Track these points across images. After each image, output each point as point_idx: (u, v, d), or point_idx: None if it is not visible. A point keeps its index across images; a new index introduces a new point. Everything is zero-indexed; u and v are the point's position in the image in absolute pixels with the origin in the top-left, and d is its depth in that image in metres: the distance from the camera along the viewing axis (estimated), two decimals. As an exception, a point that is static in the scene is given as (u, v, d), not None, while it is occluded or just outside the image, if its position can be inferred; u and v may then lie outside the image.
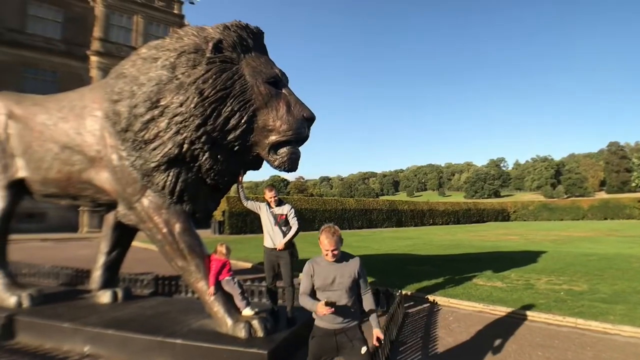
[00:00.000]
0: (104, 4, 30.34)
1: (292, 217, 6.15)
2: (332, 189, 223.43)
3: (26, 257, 12.49)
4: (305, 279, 3.56)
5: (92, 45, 29.81)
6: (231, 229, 27.91)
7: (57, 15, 30.39)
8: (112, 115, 5.56)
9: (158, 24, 32.68)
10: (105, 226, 7.10)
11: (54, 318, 5.98)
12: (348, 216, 37.16)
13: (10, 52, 27.75)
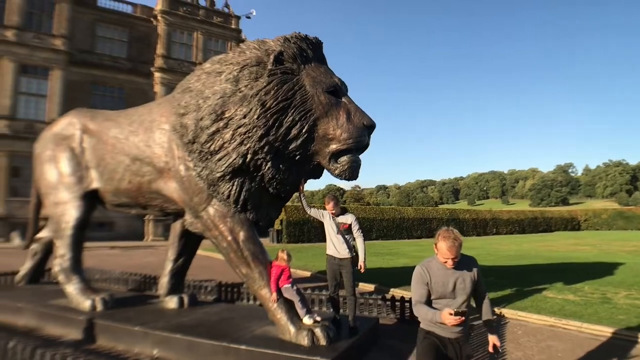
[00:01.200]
0: (166, 22, 31.95)
1: (357, 229, 6.17)
2: (389, 197, 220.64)
3: (97, 263, 13.23)
4: (418, 286, 3.29)
5: (156, 62, 31.42)
6: (289, 237, 28.18)
7: (123, 35, 32.35)
8: (180, 128, 5.80)
9: (216, 39, 33.92)
10: (172, 234, 7.39)
11: (125, 321, 6.26)
12: (407, 225, 36.59)
13: (81, 72, 29.76)
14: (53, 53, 27.72)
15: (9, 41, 26.84)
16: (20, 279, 9.03)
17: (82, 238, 7.41)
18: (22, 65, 27.05)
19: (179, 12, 32.47)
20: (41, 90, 27.43)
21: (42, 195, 7.80)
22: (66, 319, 6.70)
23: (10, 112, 26.43)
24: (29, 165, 26.02)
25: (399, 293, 8.88)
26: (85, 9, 30.60)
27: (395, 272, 13.27)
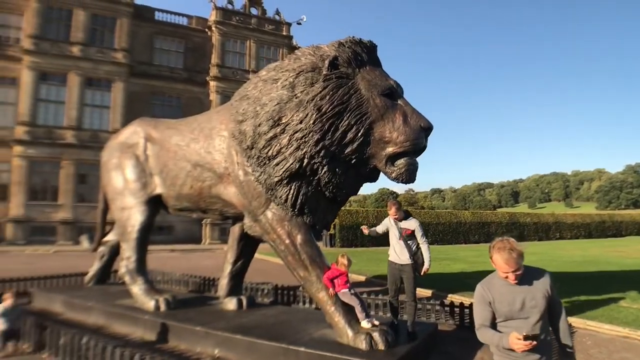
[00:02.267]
0: (219, 32, 32.95)
1: (421, 235, 6.11)
2: (444, 201, 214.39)
3: (158, 265, 13.74)
4: (480, 307, 2.93)
5: (211, 71, 32.47)
6: (342, 241, 28.13)
7: (179, 46, 33.67)
8: (238, 134, 5.96)
9: (269, 46, 34.60)
10: (231, 237, 7.59)
11: (187, 321, 6.48)
12: (463, 230, 35.54)
13: (141, 83, 31.24)
14: (115, 66, 29.26)
15: (75, 56, 28.59)
16: (89, 280, 9.56)
17: (146, 241, 7.75)
18: (87, 79, 28.72)
19: (232, 21, 33.42)
20: (104, 102, 29.01)
21: (109, 201, 8.24)
22: (132, 318, 7.03)
23: (77, 122, 28.09)
24: (94, 172, 27.77)
25: (457, 299, 8.69)
26: (144, 23, 32.09)
27: (452, 277, 13.00)
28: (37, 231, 26.77)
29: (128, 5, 30.39)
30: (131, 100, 29.77)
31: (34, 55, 27.79)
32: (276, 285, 9.27)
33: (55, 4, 28.86)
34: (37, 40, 28.03)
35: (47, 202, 27.28)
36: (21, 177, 26.83)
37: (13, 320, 6.04)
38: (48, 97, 28.10)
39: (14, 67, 28.27)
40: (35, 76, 27.71)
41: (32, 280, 10.17)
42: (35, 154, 27.21)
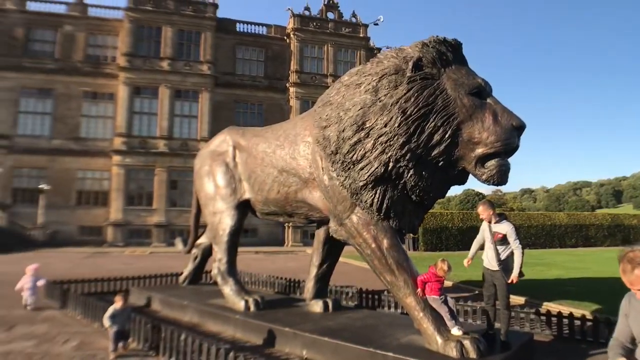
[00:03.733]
0: (298, 39, 33.73)
1: (514, 240, 5.81)
2: (535, 202, 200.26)
3: (244, 267, 14.23)
4: (620, 320, 2.59)
5: (290, 77, 33.38)
6: (426, 245, 27.42)
7: (260, 55, 34.93)
8: (322, 140, 6.05)
9: (346, 49, 34.85)
10: (316, 241, 7.72)
11: (276, 322, 6.65)
12: (558, 233, 33.07)
13: (225, 92, 32.77)
14: (201, 78, 30.98)
15: (165, 70, 30.66)
16: (184, 280, 10.14)
17: (236, 244, 8.10)
18: (176, 91, 30.63)
19: (310, 27, 34.09)
20: (192, 112, 30.79)
21: (202, 206, 8.71)
22: (223, 317, 7.36)
23: (168, 132, 30.05)
24: (184, 178, 29.52)
25: (553, 307, 8.18)
26: (226, 35, 33.65)
27: (547, 284, 12.27)
28: (134, 234, 28.93)
29: (211, 19, 32.04)
30: (216, 109, 31.33)
31: (128, 72, 30.21)
32: (360, 289, 9.28)
33: (145, 23, 31.17)
34: (131, 58, 30.43)
35: (143, 206, 29.42)
36: (119, 184, 29.15)
37: (123, 322, 6.25)
38: (142, 109, 30.37)
39: (111, 83, 31.03)
40: (129, 91, 30.06)
41: (132, 280, 10.99)
42: (131, 162, 29.47)
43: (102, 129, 31.29)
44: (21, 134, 30.35)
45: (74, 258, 20.84)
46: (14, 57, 30.87)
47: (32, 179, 30.02)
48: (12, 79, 30.39)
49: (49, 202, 28.10)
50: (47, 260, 19.02)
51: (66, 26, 31.98)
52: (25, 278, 8.96)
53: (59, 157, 30.20)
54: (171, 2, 31.84)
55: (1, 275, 14.12)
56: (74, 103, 31.09)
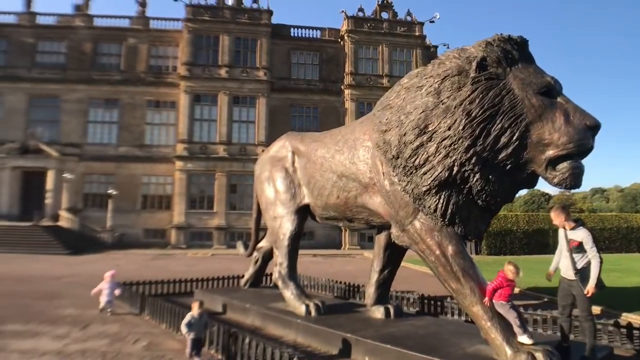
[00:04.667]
0: (352, 41, 33.63)
1: (590, 247, 5.47)
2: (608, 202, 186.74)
3: (302, 270, 14.29)
4: None
5: (345, 79, 33.30)
6: (489, 249, 26.33)
7: (314, 58, 35.20)
8: (383, 144, 5.96)
9: (401, 49, 34.33)
10: (376, 246, 7.63)
11: (337, 328, 6.62)
12: (636, 236, 30.51)
13: (281, 97, 33.29)
14: (258, 83, 31.65)
15: (223, 78, 31.60)
16: (245, 283, 10.35)
17: (296, 248, 8.17)
18: (234, 97, 31.48)
19: (364, 28, 33.90)
20: (250, 117, 31.52)
21: (262, 210, 8.86)
22: (285, 321, 7.43)
23: (227, 138, 30.91)
24: (243, 182, 30.24)
25: (634, 319, 7.62)
26: (281, 40, 34.18)
27: (625, 292, 11.51)
28: (196, 236, 29.95)
29: (266, 25, 32.69)
30: (272, 114, 31.90)
31: (189, 80, 31.36)
32: (422, 295, 9.08)
33: (203, 33, 32.26)
34: (191, 67, 31.57)
35: (204, 210, 30.40)
36: (182, 189, 30.27)
37: (200, 329, 6.16)
38: (202, 116, 31.43)
39: (172, 92, 32.37)
40: (190, 99, 31.18)
41: (195, 282, 11.33)
42: (192, 167, 30.54)
43: (165, 136, 32.69)
44: (90, 142, 32.32)
45: (140, 260, 21.83)
46: (83, 70, 33.03)
47: (101, 184, 31.90)
48: (82, 91, 32.52)
49: (116, 206, 29.65)
50: (115, 262, 20.05)
51: (130, 39, 33.77)
52: (103, 284, 9.17)
53: (125, 164, 31.86)
54: (227, 11, 32.79)
55: (75, 277, 15.05)
56: (138, 112, 32.70)
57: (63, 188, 29.80)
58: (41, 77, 32.62)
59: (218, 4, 33.09)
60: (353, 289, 10.45)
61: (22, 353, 6.65)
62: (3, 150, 30.43)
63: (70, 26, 33.77)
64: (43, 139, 31.22)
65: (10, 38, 33.39)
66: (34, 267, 17.36)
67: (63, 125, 32.34)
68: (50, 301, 10.61)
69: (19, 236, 25.35)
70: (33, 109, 32.62)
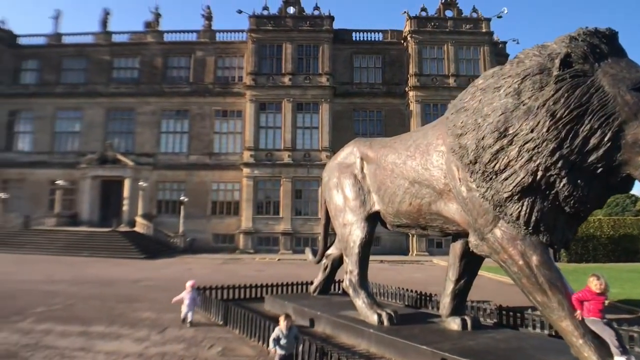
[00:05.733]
0: (415, 41, 32.88)
1: None
2: None
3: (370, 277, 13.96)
4: None
5: (409, 81, 32.58)
6: (569, 256, 24.57)
7: (377, 61, 34.84)
8: (458, 149, 5.72)
9: (468, 47, 33.10)
10: (451, 254, 7.34)
11: (411, 339, 6.42)
12: None
13: (344, 102, 33.24)
14: (320, 89, 31.83)
15: (287, 85, 32.10)
16: (314, 289, 10.33)
17: (367, 256, 8.05)
18: (297, 104, 31.84)
19: (427, 28, 33.06)
20: (313, 123, 31.74)
21: (331, 218, 8.82)
22: (357, 330, 7.31)
23: (291, 144, 31.31)
24: (307, 187, 30.55)
25: None
26: (343, 45, 34.18)
27: None
28: (263, 241, 30.53)
29: (328, 31, 32.85)
30: (336, 119, 31.96)
31: (254, 90, 32.14)
32: (500, 306, 8.62)
33: (267, 42, 32.99)
34: (255, 76, 32.36)
35: (270, 215, 30.94)
36: (249, 195, 31.01)
37: (289, 346, 5.80)
38: (267, 124, 32.07)
39: (239, 101, 33.39)
40: (255, 107, 31.93)
41: (265, 287, 11.48)
42: (259, 174, 31.21)
43: (232, 144, 33.69)
44: (163, 151, 34.06)
45: (211, 264, 22.56)
46: (155, 84, 35.00)
47: (173, 191, 33.42)
48: (154, 103, 34.45)
49: (187, 212, 30.85)
50: (188, 266, 20.84)
51: (197, 52, 35.28)
52: (184, 293, 9.09)
53: (195, 171, 33.17)
54: (290, 20, 33.31)
55: (151, 280, 15.76)
56: (207, 121, 33.96)
57: (138, 195, 31.45)
58: (117, 92, 34.96)
59: (280, 13, 33.70)
60: (425, 297, 10.14)
61: (107, 354, 7.04)
62: (84, 161, 32.80)
63: (142, 43, 35.94)
64: (119, 149, 33.32)
65: (89, 57, 36.09)
66: (114, 271, 18.40)
67: (137, 136, 34.36)
68: (129, 304, 11.17)
69: (100, 241, 27.06)
70: (110, 121, 34.97)
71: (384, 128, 32.31)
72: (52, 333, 8.24)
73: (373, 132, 32.40)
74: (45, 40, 37.23)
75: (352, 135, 30.60)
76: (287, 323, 5.80)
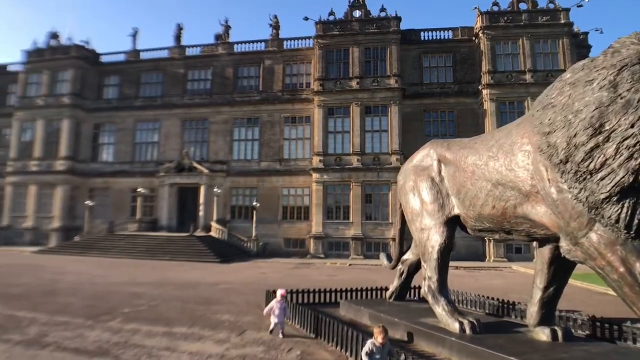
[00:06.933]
0: (488, 37, 31.50)
1: None
2: None
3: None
4: None
5: (482, 79, 31.23)
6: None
7: (447, 60, 33.83)
8: (547, 147, 5.37)
9: (545, 40, 31.16)
10: (539, 260, 6.90)
11: (497, 349, 6.08)
12: None
13: (413, 104, 32.58)
14: (389, 92, 31.41)
15: (354, 89, 32.01)
16: (390, 295, 10.15)
17: (447, 261, 7.77)
18: (365, 107, 31.63)
19: (500, 23, 31.52)
20: (382, 126, 31.35)
21: (408, 222, 8.59)
22: (437, 338, 7.06)
23: (360, 148, 31.14)
24: (377, 192, 30.34)
25: None
26: (411, 46, 33.60)
27: None
28: (333, 246, 30.57)
29: (395, 32, 32.41)
30: (405, 121, 31.38)
31: (322, 95, 32.39)
32: (593, 316, 7.99)
33: (334, 47, 33.17)
34: (323, 81, 32.59)
35: (340, 220, 30.92)
36: (318, 200, 31.21)
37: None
38: (335, 128, 32.13)
39: (307, 107, 33.92)
40: (324, 112, 32.13)
41: (340, 292, 11.45)
42: (328, 178, 31.34)
43: (301, 150, 34.17)
44: (235, 158, 35.32)
45: (283, 268, 22.91)
46: (226, 93, 36.46)
47: (245, 197, 34.44)
48: (227, 112, 35.92)
49: (259, 217, 31.59)
50: (261, 270, 21.31)
51: (266, 61, 36.25)
52: (274, 302, 8.66)
53: (266, 177, 34.01)
54: (356, 23, 33.24)
55: (228, 284, 16.26)
56: (276, 128, 34.73)
57: (213, 201, 32.70)
58: (191, 103, 36.91)
59: (346, 17, 33.72)
60: (507, 306, 9.64)
61: (191, 354, 7.33)
62: (162, 169, 34.96)
63: (214, 54, 37.55)
64: (194, 157, 34.98)
65: (165, 70, 38.41)
66: (192, 274, 19.18)
67: (211, 144, 35.91)
68: (209, 306, 11.56)
69: (178, 245, 28.40)
70: (186, 131, 36.90)
71: (456, 129, 31.32)
72: (139, 333, 8.71)
73: (445, 133, 31.49)
74: (125, 57, 39.92)
75: (422, 137, 29.96)
76: (383, 337, 5.51)
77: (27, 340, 8.06)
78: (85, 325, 9.25)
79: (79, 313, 10.45)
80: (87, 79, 39.03)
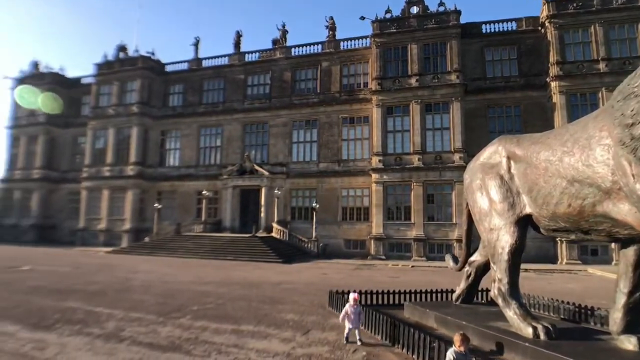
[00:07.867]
0: (555, 26, 29.64)
1: None
2: None
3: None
4: None
5: (550, 71, 29.46)
6: None
7: (512, 52, 32.30)
8: (629, 141, 4.97)
9: (621, 25, 28.80)
10: (623, 263, 6.40)
11: (576, 357, 5.72)
12: None
13: (476, 99, 31.43)
14: (450, 88, 30.54)
15: (413, 87, 31.42)
16: (457, 298, 9.82)
17: (518, 263, 7.40)
18: (426, 105, 30.96)
19: (569, 10, 29.28)
20: (444, 124, 30.51)
21: (476, 222, 8.25)
22: (509, 343, 6.73)
23: (421, 147, 30.50)
24: (440, 192, 29.68)
25: None
26: (472, 40, 32.47)
27: None
28: (394, 247, 30.17)
29: (455, 27, 31.47)
30: (468, 118, 30.39)
31: (380, 94, 32.07)
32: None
33: (391, 45, 32.79)
34: (381, 80, 32.27)
35: (401, 221, 30.44)
36: (378, 200, 30.90)
37: None
38: (395, 128, 31.70)
39: (365, 107, 33.78)
40: (382, 112, 31.78)
41: (404, 294, 11.25)
42: (388, 179, 30.96)
43: (360, 150, 34.01)
44: (295, 160, 35.86)
45: (344, 269, 22.87)
46: (285, 97, 37.16)
47: (305, 198, 34.82)
48: (285, 115, 36.56)
49: (319, 218, 31.78)
50: (322, 271, 21.37)
51: (323, 63, 36.51)
52: (348, 307, 8.19)
53: (325, 178, 34.18)
54: (414, 20, 32.62)
55: (291, 284, 16.44)
56: (335, 129, 34.82)
57: (274, 203, 33.26)
58: (251, 107, 37.95)
59: (403, 14, 33.18)
60: (585, 311, 9.05)
61: (258, 352, 7.47)
62: (225, 172, 36.12)
63: (272, 59, 38.32)
64: (255, 160, 35.85)
65: (226, 77, 39.78)
66: (256, 274, 19.58)
67: (271, 147, 36.67)
68: (273, 305, 11.72)
69: (241, 246, 29.18)
70: (247, 135, 38.01)
71: (523, 124, 29.82)
72: (208, 330, 8.98)
73: (511, 129, 30.08)
74: (188, 66, 41.68)
75: (486, 134, 28.91)
76: (465, 346, 5.38)
77: (106, 334, 8.54)
78: (157, 322, 9.66)
79: (152, 310, 10.93)
80: (153, 88, 41.23)
